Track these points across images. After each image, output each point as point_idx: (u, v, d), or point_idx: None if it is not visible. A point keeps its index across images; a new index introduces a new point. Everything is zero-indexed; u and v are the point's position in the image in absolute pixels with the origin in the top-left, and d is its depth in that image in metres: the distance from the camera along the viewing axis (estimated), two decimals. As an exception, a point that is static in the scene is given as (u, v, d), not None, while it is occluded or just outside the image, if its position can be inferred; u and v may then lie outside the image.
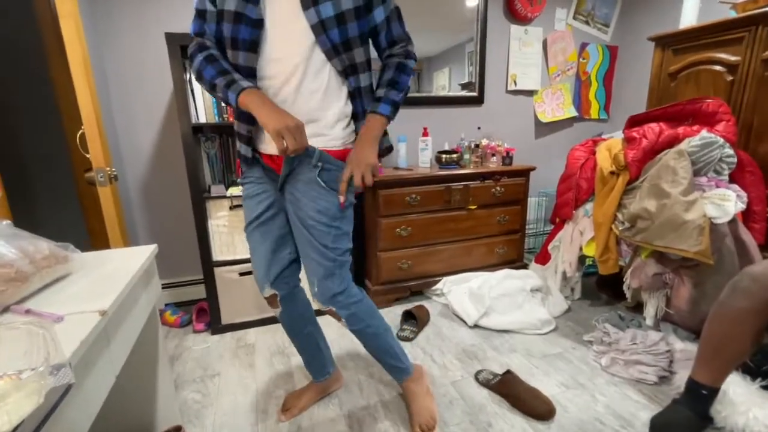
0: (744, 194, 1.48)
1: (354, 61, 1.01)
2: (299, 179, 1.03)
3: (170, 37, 1.57)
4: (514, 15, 2.48)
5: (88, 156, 1.28)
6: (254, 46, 0.95)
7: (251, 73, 0.98)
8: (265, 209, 1.12)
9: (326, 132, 1.02)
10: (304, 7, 0.92)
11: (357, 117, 1.07)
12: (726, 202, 1.42)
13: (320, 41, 0.95)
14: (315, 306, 1.14)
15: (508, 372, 1.40)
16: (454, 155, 2.20)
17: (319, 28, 0.93)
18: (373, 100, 1.07)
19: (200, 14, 1.00)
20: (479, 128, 2.55)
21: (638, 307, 1.80)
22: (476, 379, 1.48)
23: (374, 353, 1.25)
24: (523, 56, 2.58)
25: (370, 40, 1.07)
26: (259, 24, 0.93)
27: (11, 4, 2.02)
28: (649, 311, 1.61)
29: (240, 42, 0.94)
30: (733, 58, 1.66)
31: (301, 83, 0.98)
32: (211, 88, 1.00)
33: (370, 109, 1.06)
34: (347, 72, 1.01)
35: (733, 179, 1.53)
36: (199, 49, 1.01)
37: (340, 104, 1.03)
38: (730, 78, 1.68)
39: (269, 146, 1.05)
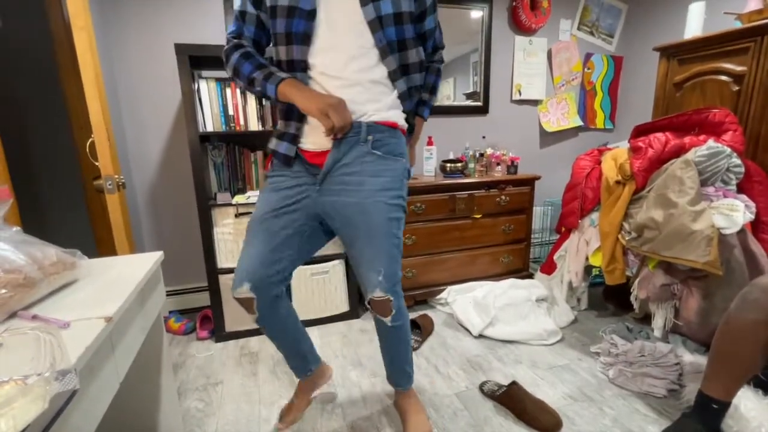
0: (752, 204, 1.46)
1: (407, 61, 1.04)
2: (351, 162, 1.02)
3: (179, 48, 1.60)
4: (518, 26, 2.50)
5: (97, 164, 1.30)
6: (307, 38, 0.97)
7: (305, 67, 0.99)
8: (289, 203, 1.08)
9: (372, 107, 1.03)
10: (362, 3, 0.95)
11: (407, 115, 1.13)
12: (734, 213, 1.40)
13: (376, 38, 0.97)
14: (377, 294, 1.05)
15: (514, 383, 1.38)
16: (459, 164, 2.21)
17: (377, 24, 0.96)
18: (417, 101, 1.14)
19: (241, 16, 1.03)
20: (484, 137, 2.56)
21: (646, 319, 1.77)
22: (481, 390, 1.46)
23: (396, 355, 1.22)
24: (528, 66, 2.60)
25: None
26: (312, 15, 0.95)
27: (27, 17, 2.08)
28: (658, 322, 1.59)
29: (294, 36, 0.96)
30: (739, 68, 1.66)
31: (354, 75, 0.98)
32: (249, 84, 1.01)
33: (418, 112, 1.18)
34: (399, 72, 1.04)
35: (741, 189, 1.51)
36: (236, 47, 1.03)
37: (391, 97, 1.06)
38: (736, 88, 1.68)
39: (317, 141, 1.04)
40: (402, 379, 1.27)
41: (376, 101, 1.03)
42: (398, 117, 1.09)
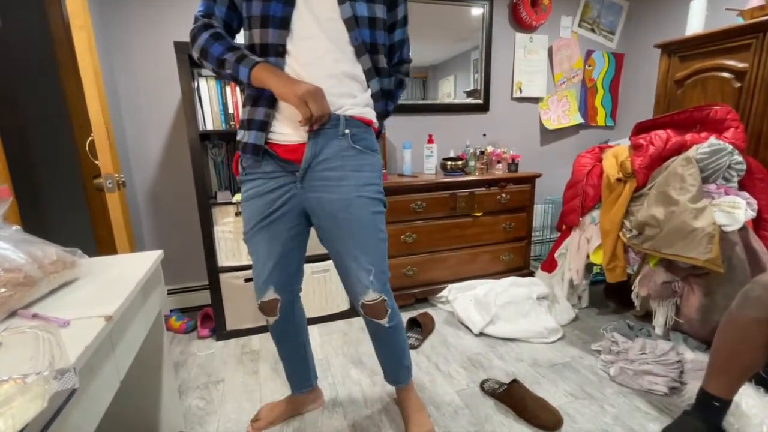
0: (754, 201, 1.46)
1: (378, 65, 1.05)
2: (331, 157, 0.99)
3: (179, 46, 1.59)
4: (519, 23, 2.49)
5: (97, 163, 1.30)
6: (285, 23, 0.93)
7: (281, 52, 0.95)
8: (277, 207, 1.05)
9: (349, 101, 1.01)
10: (340, 1, 0.95)
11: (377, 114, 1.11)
12: (736, 210, 1.39)
13: (352, 36, 0.97)
14: (369, 297, 1.05)
15: (515, 381, 1.38)
16: (460, 162, 2.20)
17: (353, 23, 0.96)
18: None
19: None
20: (484, 135, 2.55)
21: (647, 316, 1.77)
22: (482, 388, 1.46)
23: (395, 353, 1.21)
24: (529, 64, 2.59)
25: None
26: (290, 2, 0.93)
27: (26, 16, 2.07)
28: (659, 320, 1.58)
29: (271, 19, 0.92)
30: (740, 65, 1.65)
31: (331, 66, 0.97)
32: (219, 65, 0.95)
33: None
34: (373, 72, 1.04)
35: (742, 186, 1.51)
36: (205, 27, 0.96)
37: (365, 95, 1.05)
38: (737, 85, 1.67)
39: (290, 132, 0.99)
40: (401, 374, 1.26)
41: (352, 96, 1.01)
42: (372, 115, 1.08)
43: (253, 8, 0.93)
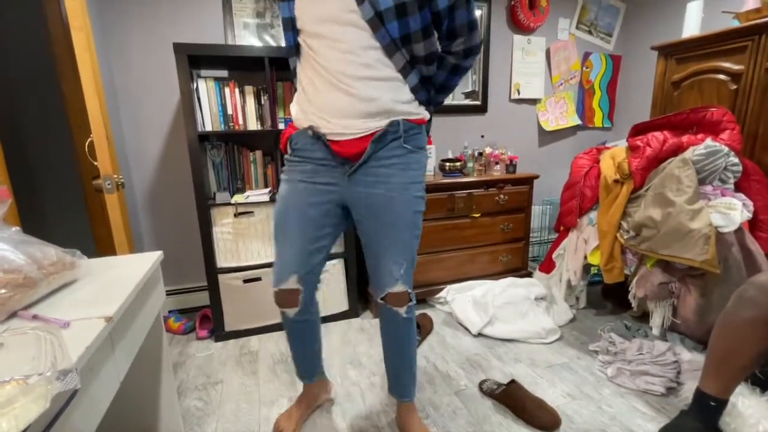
0: (750, 203, 1.47)
1: (414, 54, 0.96)
2: (382, 155, 1.01)
3: (178, 47, 1.59)
4: (517, 25, 2.50)
5: (95, 164, 1.30)
6: (295, 50, 1.03)
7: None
8: (321, 193, 1.06)
9: (397, 106, 1.00)
10: (358, 2, 0.89)
11: (422, 103, 1.07)
12: (732, 211, 1.41)
13: (378, 36, 0.91)
14: (396, 288, 1.07)
15: (513, 382, 1.39)
16: (458, 163, 2.21)
17: (377, 22, 0.89)
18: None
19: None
20: (483, 137, 2.56)
21: (644, 317, 1.78)
22: (480, 388, 1.47)
23: (403, 352, 1.19)
24: (527, 65, 2.60)
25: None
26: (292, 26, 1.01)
27: (25, 17, 2.07)
28: (656, 321, 1.59)
29: (287, 49, 1.05)
30: (736, 67, 1.66)
31: (357, 72, 0.94)
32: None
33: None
34: (408, 68, 0.97)
35: (738, 188, 1.52)
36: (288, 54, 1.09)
37: (404, 95, 1.00)
38: (734, 87, 1.68)
39: (345, 130, 0.99)
40: (408, 381, 1.22)
41: (397, 97, 0.99)
42: (421, 109, 1.06)
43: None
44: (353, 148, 1.00)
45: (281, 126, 1.88)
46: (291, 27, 1.01)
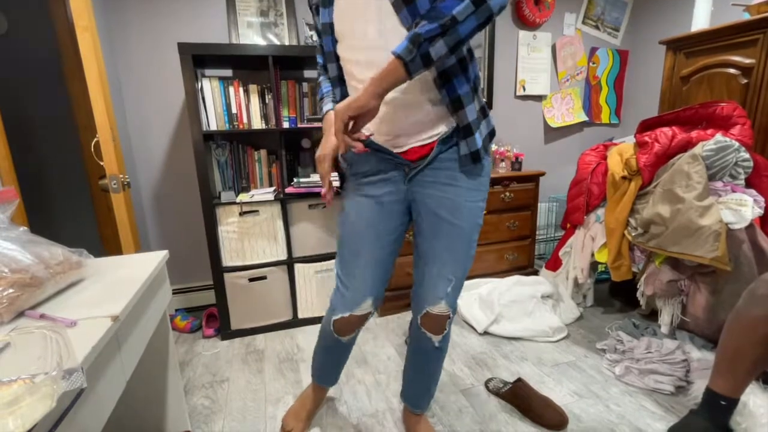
0: (761, 199, 1.44)
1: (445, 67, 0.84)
2: (446, 158, 0.91)
3: (182, 47, 1.60)
4: (522, 20, 2.48)
5: (102, 163, 1.31)
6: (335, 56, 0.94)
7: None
8: (387, 204, 0.97)
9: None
10: (397, 10, 0.80)
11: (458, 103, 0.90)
12: (743, 207, 1.38)
13: (401, 16, 0.80)
14: (438, 308, 0.97)
15: (519, 380, 1.38)
16: (463, 161, 2.20)
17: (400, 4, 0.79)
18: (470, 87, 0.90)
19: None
20: (488, 134, 2.54)
21: (653, 315, 1.76)
22: (486, 387, 1.46)
23: (427, 378, 1.14)
24: (532, 61, 2.57)
25: None
26: (330, 29, 0.91)
27: (31, 18, 2.09)
28: (665, 319, 1.57)
29: (327, 54, 0.97)
30: (747, 61, 1.63)
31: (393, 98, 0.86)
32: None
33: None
34: (440, 81, 0.85)
35: (749, 184, 1.49)
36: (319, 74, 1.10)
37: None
38: (744, 81, 1.65)
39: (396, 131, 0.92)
40: (424, 400, 1.19)
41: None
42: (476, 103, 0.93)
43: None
44: (417, 153, 0.93)
45: (285, 125, 1.88)
46: (330, 32, 0.92)
